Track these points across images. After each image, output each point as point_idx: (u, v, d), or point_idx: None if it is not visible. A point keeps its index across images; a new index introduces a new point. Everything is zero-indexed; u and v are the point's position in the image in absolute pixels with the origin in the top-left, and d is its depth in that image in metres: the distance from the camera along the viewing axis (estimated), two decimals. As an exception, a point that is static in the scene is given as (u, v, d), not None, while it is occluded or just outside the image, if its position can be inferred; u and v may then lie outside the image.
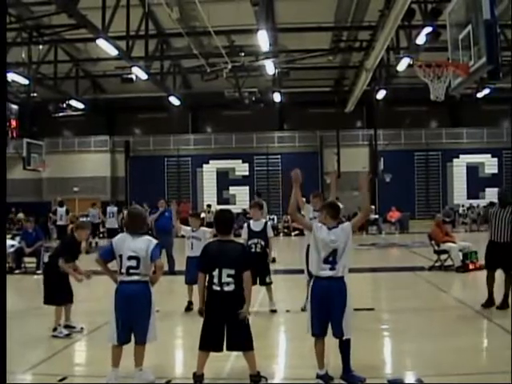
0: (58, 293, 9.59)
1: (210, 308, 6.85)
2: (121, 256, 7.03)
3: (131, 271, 6.97)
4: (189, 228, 12.25)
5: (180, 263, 15.33)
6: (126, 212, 9.21)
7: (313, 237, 7.19)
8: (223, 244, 7.03)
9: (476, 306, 11.41)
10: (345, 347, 6.97)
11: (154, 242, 7.20)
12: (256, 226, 11.51)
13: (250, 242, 11.16)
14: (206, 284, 6.91)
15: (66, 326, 9.60)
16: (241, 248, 7.35)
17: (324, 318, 6.95)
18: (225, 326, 6.73)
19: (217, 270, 6.77)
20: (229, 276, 6.74)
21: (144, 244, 7.07)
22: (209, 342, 6.80)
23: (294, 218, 8.14)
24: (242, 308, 6.80)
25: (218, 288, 6.75)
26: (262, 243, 11.32)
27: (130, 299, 6.93)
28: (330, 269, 6.95)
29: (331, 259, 6.96)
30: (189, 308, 11.65)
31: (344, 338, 6.91)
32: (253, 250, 11.09)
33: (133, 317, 6.93)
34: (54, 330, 9.47)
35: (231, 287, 6.74)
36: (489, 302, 11.41)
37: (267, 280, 11.43)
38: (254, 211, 11.77)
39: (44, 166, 35.13)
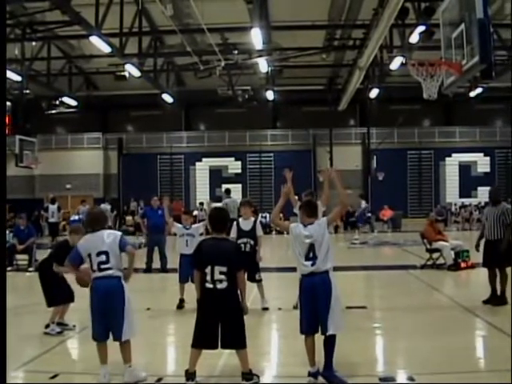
0: (59, 294, 9.58)
1: (203, 305, 6.86)
2: (90, 255, 7.07)
3: (102, 266, 7.00)
4: (181, 226, 12.25)
5: (172, 261, 15.33)
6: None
7: (291, 237, 7.28)
8: (217, 241, 7.04)
9: (467, 304, 11.44)
10: (329, 344, 6.90)
11: (119, 233, 7.30)
12: (245, 224, 11.43)
13: (239, 242, 11.07)
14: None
15: (59, 324, 9.59)
16: (234, 246, 7.39)
17: (312, 315, 6.96)
18: (218, 323, 6.73)
19: (209, 267, 6.78)
20: (221, 273, 6.74)
21: (110, 238, 7.13)
22: (202, 340, 6.80)
23: (275, 224, 8.18)
24: (234, 306, 6.83)
25: (211, 285, 6.76)
26: (252, 242, 11.26)
27: (103, 295, 6.96)
28: (312, 264, 7.00)
29: (311, 255, 7.01)
30: (180, 306, 11.61)
31: (327, 333, 6.87)
32: (242, 249, 11.04)
33: (107, 313, 6.95)
34: (47, 326, 9.46)
35: (224, 285, 6.74)
36: (492, 299, 11.49)
37: (257, 277, 11.42)
38: (244, 209, 11.73)
39: (36, 163, 35.02)
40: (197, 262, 7.01)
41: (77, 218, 28.68)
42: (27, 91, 32.80)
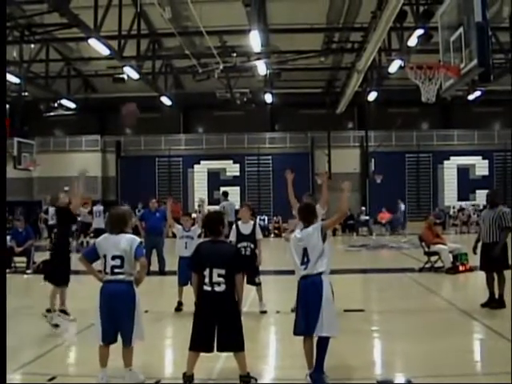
0: (60, 273, 9.63)
1: (201, 308, 6.87)
2: (105, 256, 7.04)
3: (116, 270, 6.98)
4: (180, 227, 12.25)
5: (170, 264, 15.31)
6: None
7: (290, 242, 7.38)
8: (215, 244, 7.05)
9: (465, 307, 11.44)
10: (320, 346, 6.93)
11: (138, 240, 7.21)
12: (245, 228, 11.40)
13: (239, 245, 11.05)
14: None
15: (62, 311, 9.58)
16: (233, 249, 7.43)
17: (305, 317, 6.99)
18: (215, 326, 6.73)
19: (207, 270, 6.78)
20: (219, 276, 6.74)
21: (127, 243, 7.07)
22: (199, 343, 6.80)
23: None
24: (232, 308, 6.84)
25: (209, 288, 6.76)
26: (252, 246, 11.26)
27: (113, 298, 6.94)
28: (304, 268, 7.07)
29: (306, 259, 7.09)
30: (179, 308, 11.61)
31: (317, 335, 6.89)
32: (242, 252, 11.04)
33: (117, 316, 6.93)
34: (48, 311, 9.46)
35: (222, 287, 6.75)
36: (489, 302, 11.50)
37: (256, 281, 11.42)
38: (244, 212, 11.69)
39: (35, 165, 34.99)
40: (195, 265, 7.00)
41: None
42: (25, 93, 32.77)
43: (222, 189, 33.22)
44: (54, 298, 9.61)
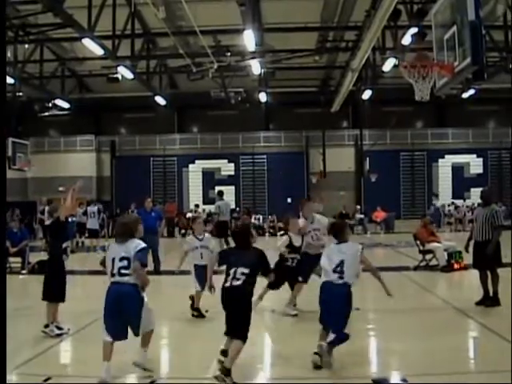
0: (58, 289, 9.62)
1: (223, 303, 7.21)
2: (113, 259, 7.20)
3: (122, 271, 7.15)
4: (191, 237, 11.85)
5: (165, 263, 15.29)
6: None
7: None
8: (244, 250, 7.49)
9: (460, 305, 11.46)
10: (338, 337, 7.50)
11: (143, 245, 7.39)
12: (297, 240, 11.40)
13: (288, 256, 11.17)
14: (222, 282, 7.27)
15: (56, 327, 9.56)
16: (259, 252, 7.59)
17: (327, 313, 7.69)
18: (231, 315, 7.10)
19: (233, 269, 7.14)
20: (242, 274, 7.07)
21: (133, 245, 7.27)
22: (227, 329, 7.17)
23: None
24: (245, 302, 7.12)
25: (228, 284, 7.10)
26: (298, 257, 11.35)
27: (119, 300, 7.07)
28: (339, 277, 7.79)
29: (339, 269, 7.78)
30: (201, 315, 10.77)
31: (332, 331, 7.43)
32: (289, 263, 11.17)
33: (123, 317, 7.10)
34: (46, 326, 9.44)
35: (239, 282, 7.05)
36: (484, 300, 11.53)
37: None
38: (293, 225, 11.57)
39: (29, 166, 34.93)
40: (222, 260, 7.59)
41: (70, 220, 28.49)
42: (20, 94, 32.72)
43: (217, 188, 33.23)
44: (52, 313, 9.58)
